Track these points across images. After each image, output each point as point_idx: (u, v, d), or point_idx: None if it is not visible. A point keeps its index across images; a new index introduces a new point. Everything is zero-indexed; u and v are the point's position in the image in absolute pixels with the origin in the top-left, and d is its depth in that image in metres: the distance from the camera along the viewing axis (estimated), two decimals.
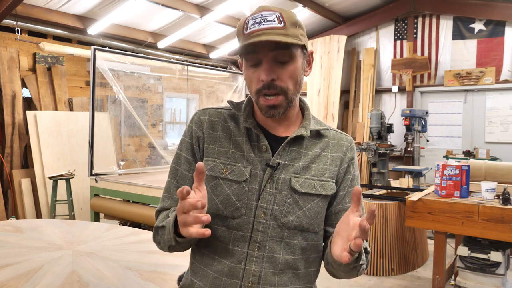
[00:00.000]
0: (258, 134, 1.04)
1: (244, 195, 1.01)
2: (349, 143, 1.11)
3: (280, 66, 0.98)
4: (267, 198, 1.00)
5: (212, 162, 1.05)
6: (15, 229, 2.14)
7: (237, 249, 1.00)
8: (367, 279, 3.75)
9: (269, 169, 1.01)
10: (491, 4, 6.59)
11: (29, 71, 5.90)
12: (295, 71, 1.00)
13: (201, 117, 1.10)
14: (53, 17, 5.85)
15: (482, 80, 6.77)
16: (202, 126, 1.08)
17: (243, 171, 1.02)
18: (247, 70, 1.01)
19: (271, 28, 0.94)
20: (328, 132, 1.11)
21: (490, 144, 6.76)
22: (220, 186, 1.03)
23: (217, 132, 1.07)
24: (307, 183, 1.02)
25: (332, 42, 7.96)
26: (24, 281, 1.46)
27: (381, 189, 4.54)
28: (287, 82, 0.99)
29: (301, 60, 1.02)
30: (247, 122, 1.05)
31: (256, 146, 1.04)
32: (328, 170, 1.06)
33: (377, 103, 7.89)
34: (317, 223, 1.05)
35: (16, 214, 5.37)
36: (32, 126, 5.38)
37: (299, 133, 1.03)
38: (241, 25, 0.99)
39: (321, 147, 1.07)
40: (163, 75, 6.29)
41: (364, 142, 6.50)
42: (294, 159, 1.03)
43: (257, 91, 0.99)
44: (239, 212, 1.01)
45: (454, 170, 2.90)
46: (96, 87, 4.52)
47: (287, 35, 0.95)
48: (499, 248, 2.83)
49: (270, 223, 1.00)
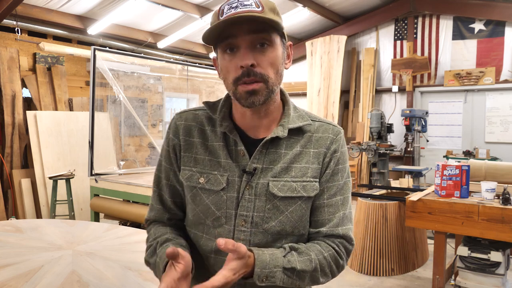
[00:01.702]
0: (234, 138, 0.97)
1: (222, 204, 0.97)
2: (334, 135, 1.02)
3: (259, 51, 0.91)
4: (246, 206, 0.96)
5: (188, 172, 1.01)
6: (15, 229, 2.14)
7: (220, 257, 0.97)
8: (367, 279, 3.75)
9: (246, 175, 0.96)
10: (491, 4, 6.59)
11: (29, 71, 5.90)
12: (275, 58, 0.93)
13: (177, 122, 1.05)
14: (53, 17, 5.85)
15: (482, 80, 6.77)
16: (178, 132, 1.03)
17: (220, 179, 0.97)
18: (223, 59, 0.93)
19: (249, 12, 0.87)
20: (312, 126, 1.02)
21: (490, 144, 6.76)
22: (198, 196, 0.99)
23: (193, 139, 1.02)
24: (287, 186, 0.96)
25: (332, 42, 7.96)
26: (24, 281, 1.46)
27: (381, 189, 4.54)
28: (268, 69, 0.91)
29: (281, 49, 0.95)
30: (222, 125, 0.98)
31: (233, 151, 0.98)
32: (310, 169, 0.98)
33: (377, 103, 7.89)
34: (302, 226, 0.99)
35: (16, 214, 5.37)
36: (32, 126, 5.38)
37: (275, 134, 0.96)
38: (216, 13, 0.92)
39: (302, 144, 1.00)
40: (163, 75, 6.29)
41: (364, 142, 6.50)
42: (272, 162, 0.97)
43: (235, 80, 0.91)
44: (219, 221, 0.98)
45: (454, 170, 2.90)
46: (96, 87, 4.52)
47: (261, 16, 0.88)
48: (499, 248, 2.83)
49: (252, 231, 0.96)
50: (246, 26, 0.88)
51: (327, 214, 1.00)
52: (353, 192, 6.69)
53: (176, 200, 1.08)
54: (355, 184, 7.41)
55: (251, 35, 0.89)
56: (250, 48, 0.90)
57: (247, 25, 0.88)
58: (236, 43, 0.90)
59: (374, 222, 3.83)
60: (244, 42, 0.90)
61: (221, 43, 0.92)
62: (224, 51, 0.93)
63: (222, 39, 0.91)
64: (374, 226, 3.83)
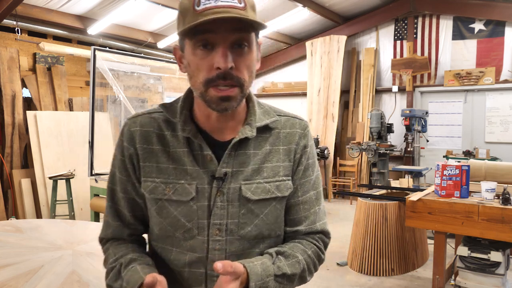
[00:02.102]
0: (199, 143, 0.90)
1: (193, 215, 0.89)
2: (302, 129, 0.98)
3: (237, 52, 0.82)
4: (219, 214, 0.89)
5: (151, 183, 0.91)
6: (15, 229, 2.14)
7: (194, 270, 0.91)
8: (367, 279, 3.75)
9: (216, 181, 0.89)
10: (491, 4, 6.59)
11: (29, 71, 5.90)
12: (251, 60, 0.86)
13: (131, 128, 0.94)
14: (53, 17, 5.85)
15: (482, 80, 6.77)
16: (134, 140, 0.93)
17: (188, 188, 0.89)
18: (194, 54, 0.83)
19: (232, 7, 0.78)
20: (279, 122, 0.97)
21: (490, 144, 6.76)
22: (165, 208, 0.90)
23: (153, 146, 0.92)
24: (261, 188, 0.91)
25: (332, 42, 7.96)
26: (24, 281, 1.46)
27: (381, 189, 4.54)
28: (244, 73, 0.84)
29: (255, 50, 0.88)
30: (185, 130, 0.90)
31: (199, 157, 0.90)
32: (282, 167, 0.94)
33: (377, 103, 7.89)
34: (278, 227, 0.96)
35: (16, 214, 5.37)
36: (32, 126, 5.38)
37: (244, 134, 0.90)
38: (190, 1, 0.81)
39: (271, 142, 0.95)
40: (163, 75, 6.28)
41: (364, 142, 6.51)
42: (242, 164, 0.91)
43: (207, 81, 0.82)
44: (191, 233, 0.90)
45: (454, 170, 2.90)
46: (96, 87, 4.52)
47: (249, 17, 0.80)
48: (499, 248, 2.83)
49: (228, 239, 0.90)
50: (229, 24, 0.80)
51: (303, 211, 0.98)
52: (353, 192, 6.71)
53: (137, 213, 0.98)
54: (355, 184, 7.41)
55: (233, 34, 0.81)
56: (230, 48, 0.81)
57: (230, 22, 0.79)
58: (213, 40, 0.81)
59: (374, 222, 3.83)
60: (224, 41, 0.81)
61: (194, 36, 0.82)
62: (196, 46, 0.82)
63: (197, 33, 0.80)
64: (374, 226, 3.83)
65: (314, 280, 3.74)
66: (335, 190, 7.58)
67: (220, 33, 0.80)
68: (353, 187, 7.31)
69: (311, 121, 8.10)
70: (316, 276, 3.84)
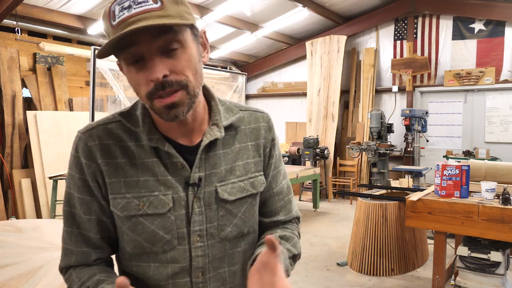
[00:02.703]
0: (168, 151, 0.85)
1: (172, 226, 0.85)
2: (266, 123, 0.98)
3: (169, 56, 0.77)
4: (198, 220, 0.87)
5: (122, 200, 0.85)
6: (15, 229, 2.14)
7: (179, 280, 0.88)
8: (367, 279, 3.75)
9: (191, 188, 0.86)
10: (491, 4, 6.59)
11: (29, 71, 5.90)
12: (190, 59, 0.79)
13: (88, 143, 0.86)
14: (53, 17, 5.85)
15: (482, 80, 6.77)
16: (94, 155, 0.85)
17: (164, 199, 0.85)
18: (129, 72, 0.79)
19: (145, 11, 0.73)
20: (243, 118, 0.95)
21: (490, 144, 6.76)
22: (140, 224, 0.85)
23: (117, 159, 0.85)
24: (236, 187, 0.90)
25: (332, 42, 7.96)
26: (24, 281, 1.46)
27: (381, 189, 4.54)
28: (184, 73, 0.78)
29: (194, 45, 0.81)
30: (151, 139, 0.85)
31: (169, 165, 0.86)
32: (253, 164, 0.94)
33: (377, 103, 7.89)
34: (255, 222, 0.97)
35: (16, 214, 5.37)
36: (32, 126, 5.38)
37: (212, 136, 0.88)
38: (106, 15, 0.76)
39: (239, 139, 0.94)
40: None
41: (364, 142, 6.51)
42: (214, 165, 0.89)
43: (148, 94, 0.78)
44: (171, 245, 0.86)
45: (454, 170, 2.90)
46: (96, 87, 4.53)
47: (169, 16, 0.74)
48: (499, 248, 2.83)
49: (209, 243, 0.89)
50: (148, 30, 0.74)
51: (279, 201, 1.01)
52: (353, 192, 6.71)
53: (105, 235, 0.91)
54: (355, 184, 7.41)
55: (157, 40, 0.75)
56: (158, 55, 0.76)
57: (149, 30, 0.73)
58: (139, 52, 0.76)
59: (374, 222, 3.83)
60: (149, 50, 0.75)
61: (120, 53, 0.77)
62: (127, 62, 0.78)
63: (122, 47, 0.76)
64: (374, 226, 3.83)
65: (314, 280, 3.75)
66: (335, 190, 7.58)
67: (143, 42, 0.75)
68: (353, 187, 7.31)
69: (311, 121, 8.10)
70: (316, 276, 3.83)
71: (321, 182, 7.49)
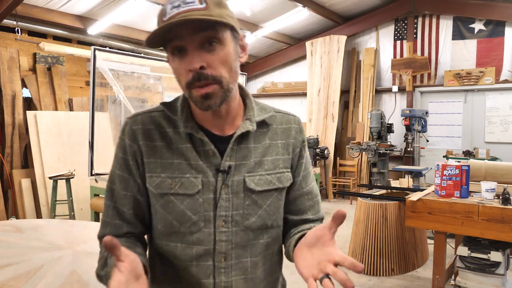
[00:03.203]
0: (201, 138, 0.94)
1: (199, 207, 0.93)
2: (297, 125, 1.06)
3: (208, 51, 0.86)
4: (224, 205, 0.93)
5: (157, 178, 0.94)
6: (15, 229, 2.14)
7: (203, 263, 0.94)
8: (367, 279, 3.75)
9: (221, 175, 0.93)
10: (491, 4, 6.59)
11: (29, 71, 5.90)
12: (227, 56, 0.88)
13: (133, 127, 0.97)
14: (53, 17, 5.85)
15: (482, 80, 6.77)
16: (137, 138, 0.96)
17: (194, 182, 0.93)
18: (173, 62, 0.90)
19: (191, 10, 0.83)
20: (275, 118, 1.03)
21: (490, 144, 6.76)
22: (171, 202, 0.93)
23: (156, 143, 0.96)
24: (263, 180, 0.97)
25: (332, 42, 7.96)
26: (24, 281, 1.46)
27: (381, 189, 4.54)
28: (220, 69, 0.87)
29: (232, 44, 0.90)
30: (187, 127, 0.94)
31: (202, 152, 0.94)
32: (282, 160, 1.00)
33: (377, 103, 7.89)
34: (280, 217, 1.02)
35: (16, 214, 5.37)
36: (32, 126, 5.38)
37: (245, 128, 0.95)
38: (159, 14, 0.89)
39: (270, 136, 1.01)
40: (163, 75, 6.29)
41: (364, 142, 6.51)
42: (245, 157, 0.96)
43: (187, 84, 0.88)
44: (197, 226, 0.93)
45: (454, 170, 2.90)
46: (96, 87, 4.52)
47: (211, 15, 0.83)
48: (499, 248, 2.83)
49: (233, 230, 0.94)
50: (191, 25, 0.84)
51: (308, 201, 1.06)
52: (353, 192, 6.71)
53: (138, 212, 0.99)
54: (355, 184, 7.42)
55: (198, 35, 0.85)
56: (198, 49, 0.85)
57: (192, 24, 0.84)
58: (183, 45, 0.86)
59: (374, 222, 3.83)
60: (191, 43, 0.85)
61: (168, 45, 0.89)
62: (172, 53, 0.89)
63: (169, 41, 0.87)
64: (374, 226, 3.83)
65: None
66: (335, 190, 7.58)
67: (186, 36, 0.85)
68: (353, 187, 7.31)
69: (311, 121, 8.10)
70: None
71: (321, 182, 7.50)
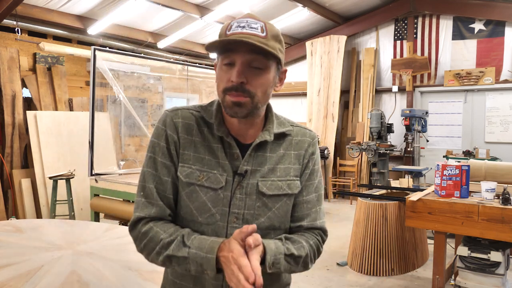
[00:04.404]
0: (230, 142, 1.05)
1: (219, 202, 1.04)
2: (311, 139, 1.15)
3: (253, 71, 0.99)
4: (237, 204, 1.04)
5: (188, 169, 1.05)
6: (15, 229, 2.14)
7: None
8: (367, 279, 3.75)
9: (237, 177, 1.05)
10: (491, 4, 6.59)
11: (29, 71, 5.90)
12: (266, 81, 1.01)
13: (174, 119, 1.08)
14: (53, 17, 5.85)
15: (482, 80, 6.77)
16: (177, 130, 1.07)
17: (219, 178, 1.04)
18: (220, 68, 1.02)
19: (253, 34, 0.96)
20: (292, 131, 1.14)
21: (490, 144, 6.76)
22: (195, 192, 1.04)
23: (193, 137, 1.07)
24: (274, 185, 1.07)
25: (332, 42, 7.96)
26: (24, 281, 1.46)
27: (381, 189, 4.54)
28: (256, 88, 1.00)
29: (273, 74, 1.03)
30: (219, 130, 1.06)
31: (228, 154, 1.06)
32: (293, 169, 1.10)
33: (377, 103, 7.89)
34: (287, 220, 1.11)
35: (16, 214, 5.37)
36: (32, 126, 5.38)
37: (263, 138, 1.06)
38: (225, 26, 1.01)
39: (284, 147, 1.11)
40: (163, 75, 6.29)
41: (364, 142, 6.51)
42: (260, 164, 1.07)
43: (224, 89, 1.00)
44: (214, 218, 1.04)
45: (454, 170, 2.90)
46: (96, 87, 4.52)
47: (267, 45, 0.97)
48: (499, 248, 2.83)
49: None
50: (248, 46, 0.96)
51: (306, 209, 1.13)
52: (353, 192, 6.71)
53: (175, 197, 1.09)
54: (355, 184, 7.42)
55: (249, 56, 0.97)
56: (245, 66, 0.98)
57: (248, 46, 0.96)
58: (234, 59, 0.98)
59: (374, 222, 3.83)
60: (241, 60, 0.98)
61: (222, 54, 1.01)
62: (223, 62, 1.01)
63: (224, 51, 1.00)
64: (374, 226, 3.83)
65: (314, 279, 3.75)
66: (335, 190, 7.58)
67: (239, 53, 0.97)
68: (353, 187, 7.31)
69: (311, 121, 8.10)
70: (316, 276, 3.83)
71: None
